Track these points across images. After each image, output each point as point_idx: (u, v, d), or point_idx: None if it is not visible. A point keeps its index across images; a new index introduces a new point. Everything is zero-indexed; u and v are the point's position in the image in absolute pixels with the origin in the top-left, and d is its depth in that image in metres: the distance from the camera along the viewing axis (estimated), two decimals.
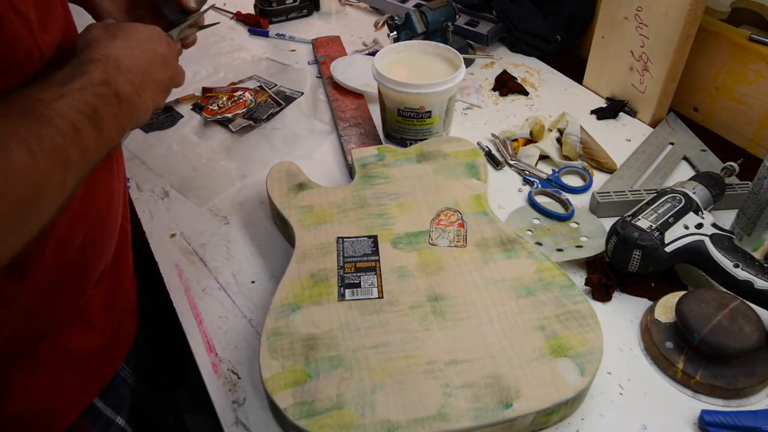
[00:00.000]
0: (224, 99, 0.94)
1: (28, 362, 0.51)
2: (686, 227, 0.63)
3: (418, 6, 1.04)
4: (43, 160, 0.36)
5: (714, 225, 0.64)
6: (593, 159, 0.83)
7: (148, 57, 0.50)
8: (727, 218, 0.72)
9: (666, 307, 0.61)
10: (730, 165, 0.74)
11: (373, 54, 0.97)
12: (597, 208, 0.74)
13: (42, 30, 0.43)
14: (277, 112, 0.93)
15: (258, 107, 0.94)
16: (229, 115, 0.91)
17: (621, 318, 0.63)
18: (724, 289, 0.62)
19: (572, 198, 0.77)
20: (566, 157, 0.84)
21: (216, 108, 0.92)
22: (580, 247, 0.69)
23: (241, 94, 0.94)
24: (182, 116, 0.94)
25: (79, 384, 0.57)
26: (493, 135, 0.89)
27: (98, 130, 0.41)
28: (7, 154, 0.34)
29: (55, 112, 0.39)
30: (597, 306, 0.64)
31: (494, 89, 1.01)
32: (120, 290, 0.61)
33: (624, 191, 0.75)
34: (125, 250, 0.62)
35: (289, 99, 0.96)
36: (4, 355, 0.49)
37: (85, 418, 0.57)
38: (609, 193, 0.74)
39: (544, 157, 0.85)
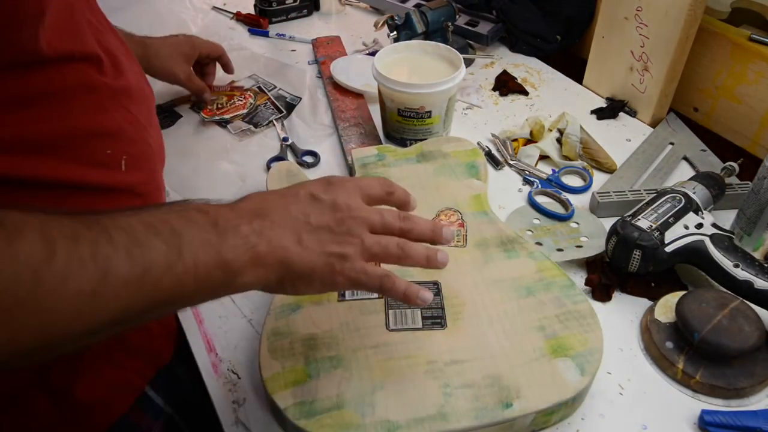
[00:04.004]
0: (224, 100, 0.94)
1: (93, 347, 0.52)
2: (686, 227, 0.64)
3: (418, 6, 1.04)
4: (63, 260, 0.31)
5: (714, 225, 0.64)
6: (593, 159, 0.83)
7: (294, 204, 0.44)
8: (727, 218, 0.72)
9: (666, 307, 0.61)
10: (730, 165, 0.74)
11: (373, 54, 0.97)
12: (597, 208, 0.74)
13: (52, 31, 0.44)
14: (278, 119, 0.93)
15: (257, 111, 0.94)
16: (228, 117, 0.91)
17: (621, 318, 0.63)
18: (724, 289, 0.62)
19: (572, 198, 0.77)
20: (566, 157, 0.84)
21: (215, 108, 0.92)
22: (580, 247, 0.69)
23: (240, 96, 0.94)
24: (181, 116, 0.94)
25: (135, 368, 0.59)
26: (493, 135, 0.89)
27: (175, 251, 0.36)
28: (13, 241, 0.30)
29: (117, 222, 0.35)
30: (597, 306, 0.64)
31: (494, 89, 1.01)
32: None
33: (624, 191, 0.75)
34: None
35: (290, 106, 0.96)
36: None
37: (138, 406, 0.59)
38: (609, 193, 0.75)
39: (544, 157, 0.85)
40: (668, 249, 0.62)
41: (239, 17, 1.23)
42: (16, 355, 0.32)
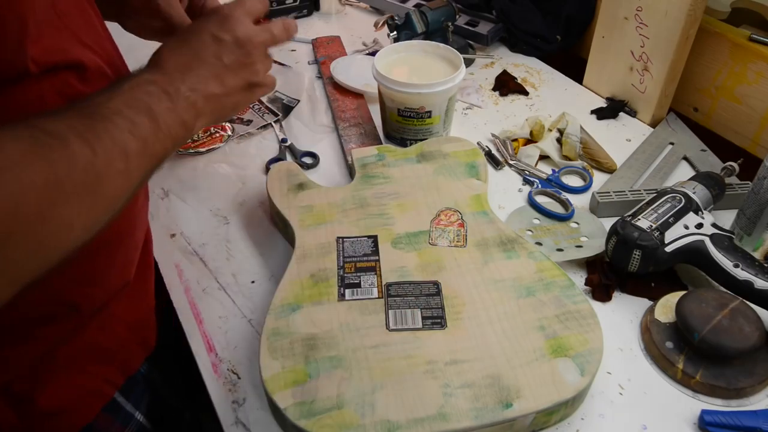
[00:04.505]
0: (200, 132, 0.89)
1: (59, 355, 0.53)
2: (686, 227, 0.64)
3: (418, 6, 1.04)
4: (101, 151, 0.39)
5: (714, 225, 0.64)
6: (593, 159, 0.83)
7: (205, 51, 0.51)
8: (727, 218, 0.72)
9: (666, 307, 0.61)
10: (730, 165, 0.74)
11: (373, 54, 0.97)
12: (597, 208, 0.74)
13: (37, 45, 0.43)
14: (275, 122, 0.92)
15: (252, 117, 0.93)
16: (203, 150, 0.86)
17: (621, 318, 0.63)
18: (724, 289, 0.62)
19: (572, 198, 0.77)
20: (566, 157, 0.84)
21: (190, 141, 0.87)
22: (580, 247, 0.69)
23: (217, 130, 0.90)
24: None
25: (103, 375, 0.58)
26: (493, 135, 0.89)
27: (155, 122, 0.44)
28: (67, 145, 0.38)
29: (110, 109, 0.42)
30: (597, 306, 0.64)
31: (494, 89, 1.01)
32: (145, 288, 0.62)
33: (624, 191, 0.75)
34: (149, 251, 0.63)
35: (287, 108, 0.95)
36: (39, 347, 0.51)
37: (106, 413, 0.58)
38: (609, 193, 0.75)
39: (544, 157, 0.85)
40: (668, 249, 0.62)
41: None
42: (94, 233, 0.40)
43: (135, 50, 0.61)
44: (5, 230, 0.34)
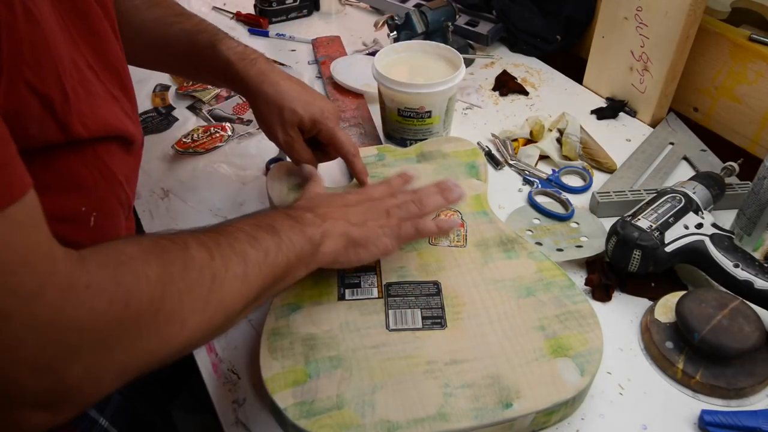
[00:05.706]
0: (200, 132, 0.89)
1: None
2: (686, 227, 0.64)
3: (418, 6, 1.04)
4: (219, 255, 0.43)
5: (714, 225, 0.64)
6: (593, 159, 0.83)
7: (330, 197, 0.60)
8: (727, 218, 0.72)
9: (666, 307, 0.61)
10: (730, 165, 0.74)
11: (373, 54, 0.97)
12: (597, 208, 0.74)
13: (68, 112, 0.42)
14: None
15: (252, 117, 0.93)
16: (203, 150, 0.86)
17: (621, 318, 0.63)
18: (724, 289, 0.62)
19: (572, 198, 0.77)
20: (566, 157, 0.84)
21: (190, 141, 0.87)
22: (580, 247, 0.69)
23: (217, 130, 0.89)
24: (177, 119, 0.94)
25: None
26: (493, 135, 0.89)
27: (276, 236, 0.49)
28: (185, 248, 0.42)
29: (235, 227, 0.48)
30: (597, 306, 0.64)
31: (494, 89, 1.01)
32: None
33: (624, 191, 0.75)
34: None
35: None
36: None
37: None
38: (609, 193, 0.75)
39: (544, 157, 0.85)
40: (668, 249, 0.62)
41: (239, 17, 1.23)
42: (208, 335, 0.43)
43: None
44: (117, 317, 0.35)
